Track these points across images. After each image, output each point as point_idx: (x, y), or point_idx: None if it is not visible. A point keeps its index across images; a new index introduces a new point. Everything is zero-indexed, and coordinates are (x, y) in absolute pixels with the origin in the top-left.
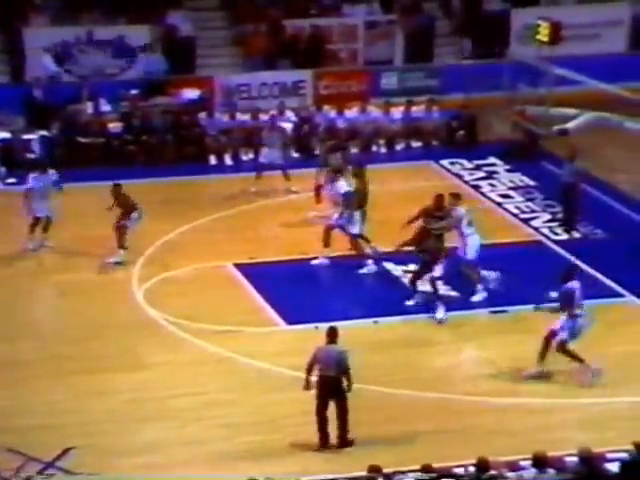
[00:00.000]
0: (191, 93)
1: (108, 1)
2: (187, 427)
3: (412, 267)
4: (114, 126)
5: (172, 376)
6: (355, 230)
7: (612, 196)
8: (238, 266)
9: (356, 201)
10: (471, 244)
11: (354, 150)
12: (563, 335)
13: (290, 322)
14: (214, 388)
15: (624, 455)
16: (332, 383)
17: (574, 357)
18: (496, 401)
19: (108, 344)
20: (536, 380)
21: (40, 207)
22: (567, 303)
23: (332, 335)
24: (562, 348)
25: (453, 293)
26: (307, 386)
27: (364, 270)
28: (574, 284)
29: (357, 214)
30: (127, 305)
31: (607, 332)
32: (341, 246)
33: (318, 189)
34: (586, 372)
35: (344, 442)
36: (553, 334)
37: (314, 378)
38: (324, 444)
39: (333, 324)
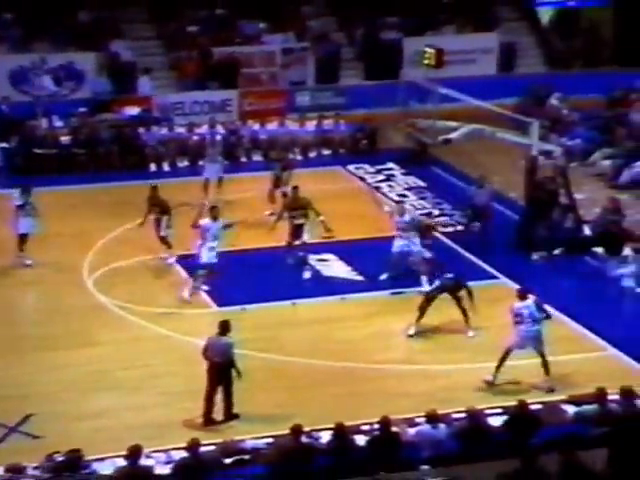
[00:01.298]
0: (132, 110)
1: (59, 31)
2: (133, 395)
3: (324, 256)
4: (66, 139)
5: (119, 352)
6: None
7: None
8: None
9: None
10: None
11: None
12: (512, 347)
13: (220, 304)
14: (155, 362)
15: (500, 410)
16: (218, 368)
17: (499, 366)
18: (397, 368)
19: (63, 326)
20: (431, 350)
21: (23, 224)
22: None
23: (222, 327)
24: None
25: (360, 277)
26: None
27: (307, 275)
28: (516, 304)
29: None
30: (79, 292)
31: (487, 308)
32: (270, 239)
33: (271, 191)
34: (547, 381)
35: (229, 416)
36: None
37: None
38: (206, 422)
39: (225, 318)
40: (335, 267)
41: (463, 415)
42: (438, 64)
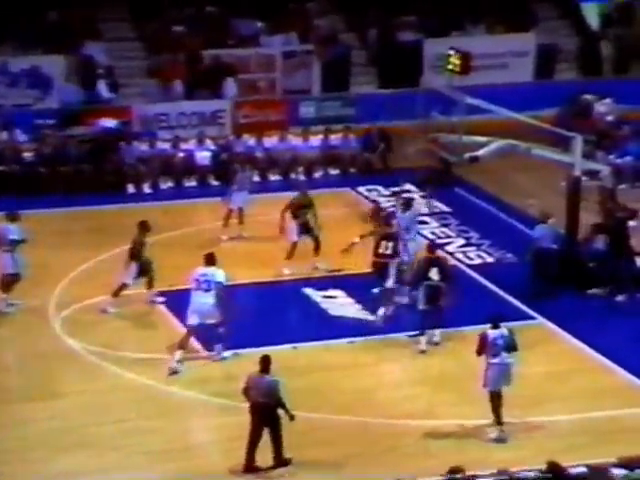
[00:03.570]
0: (108, 122)
1: (24, 32)
2: (106, 455)
3: (331, 292)
4: (29, 155)
5: (91, 404)
6: None
7: (522, 221)
8: (158, 293)
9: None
10: None
11: (273, 177)
12: (488, 385)
13: (210, 349)
14: (134, 416)
15: (532, 474)
16: (263, 410)
17: (496, 412)
18: (416, 423)
19: (25, 374)
20: (454, 403)
21: (10, 262)
22: (481, 348)
23: (264, 363)
24: (490, 398)
25: (372, 317)
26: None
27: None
28: (490, 331)
29: None
30: (45, 335)
31: (519, 353)
32: (262, 273)
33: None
34: (494, 431)
35: (280, 461)
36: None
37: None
38: (247, 469)
39: (266, 352)
40: (343, 305)
41: (495, 477)
42: (464, 70)
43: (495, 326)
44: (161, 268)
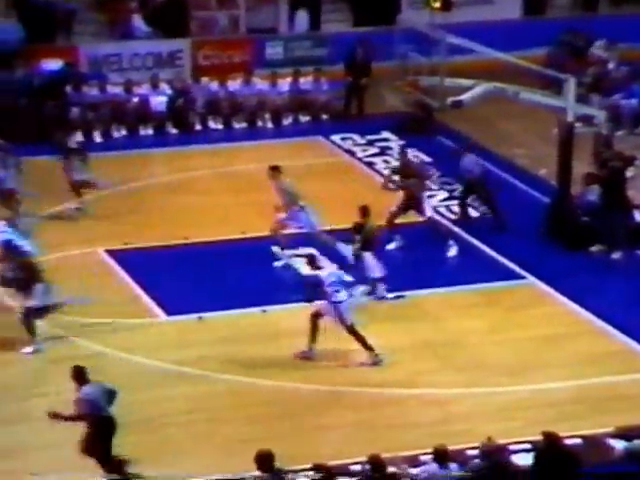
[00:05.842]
0: (52, 64)
1: None
2: (49, 431)
3: (303, 251)
4: None
5: (34, 374)
6: None
7: (509, 171)
8: (110, 252)
9: None
10: None
11: (238, 125)
12: (344, 322)
13: (170, 313)
14: None
15: (528, 446)
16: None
17: (362, 343)
18: (393, 392)
19: None
20: (437, 370)
21: None
22: (315, 292)
23: (80, 374)
24: (351, 330)
25: (349, 278)
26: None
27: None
28: (320, 274)
29: None
30: None
31: (507, 317)
32: (228, 230)
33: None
34: (369, 358)
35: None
36: (318, 315)
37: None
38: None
39: (77, 364)
40: None
41: (479, 452)
42: (446, 6)
43: (317, 267)
44: (117, 224)
